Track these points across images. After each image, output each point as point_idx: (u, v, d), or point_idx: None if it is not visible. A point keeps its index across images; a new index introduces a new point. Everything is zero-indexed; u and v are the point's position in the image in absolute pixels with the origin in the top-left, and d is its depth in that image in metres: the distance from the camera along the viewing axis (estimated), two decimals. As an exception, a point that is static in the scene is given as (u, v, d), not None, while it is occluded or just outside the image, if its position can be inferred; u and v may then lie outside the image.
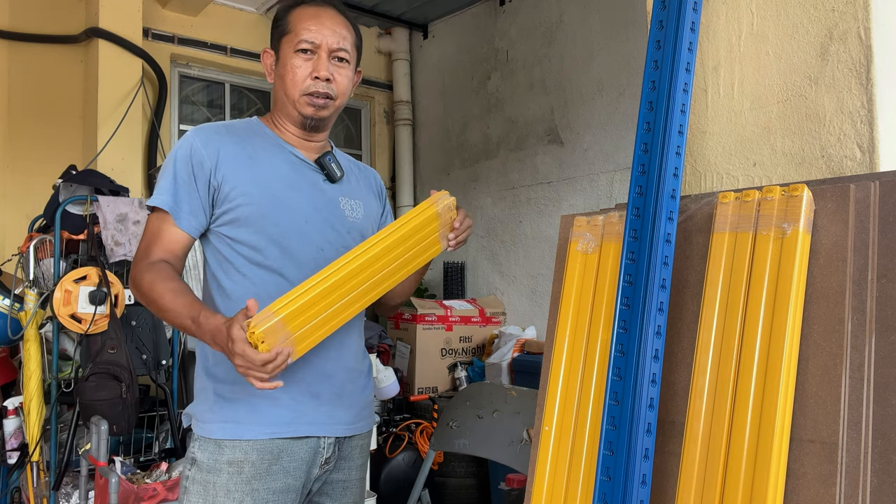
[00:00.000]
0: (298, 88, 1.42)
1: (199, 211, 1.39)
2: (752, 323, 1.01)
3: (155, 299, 1.31)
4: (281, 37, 1.45)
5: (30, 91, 3.96)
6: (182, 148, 1.41)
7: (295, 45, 1.42)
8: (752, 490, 0.95)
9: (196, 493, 1.35)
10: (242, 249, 1.40)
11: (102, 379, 2.45)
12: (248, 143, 1.44)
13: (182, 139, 1.43)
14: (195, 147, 1.40)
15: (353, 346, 1.50)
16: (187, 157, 1.39)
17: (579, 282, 1.26)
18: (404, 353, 3.95)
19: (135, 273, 1.37)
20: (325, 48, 1.42)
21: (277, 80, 1.46)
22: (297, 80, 1.42)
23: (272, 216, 1.39)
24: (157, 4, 4.33)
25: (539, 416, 1.25)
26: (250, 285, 1.39)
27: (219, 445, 1.35)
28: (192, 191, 1.39)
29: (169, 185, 1.39)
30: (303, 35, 1.41)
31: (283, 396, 1.37)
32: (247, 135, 1.46)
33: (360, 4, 4.88)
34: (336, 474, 1.49)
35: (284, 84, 1.44)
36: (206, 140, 1.41)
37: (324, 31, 1.42)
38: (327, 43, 1.42)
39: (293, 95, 1.43)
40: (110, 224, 2.66)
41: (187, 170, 1.39)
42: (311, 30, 1.42)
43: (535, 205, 4.35)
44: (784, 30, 1.21)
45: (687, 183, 1.34)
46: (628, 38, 3.84)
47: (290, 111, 1.45)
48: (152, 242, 1.39)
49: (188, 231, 1.39)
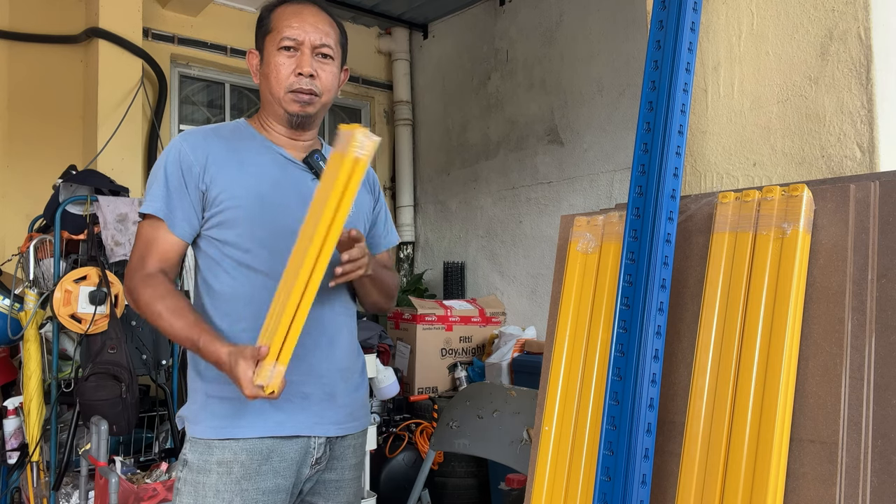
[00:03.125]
0: (283, 86, 1.42)
1: (192, 216, 1.40)
2: (752, 323, 1.01)
3: (153, 319, 1.34)
4: (264, 36, 1.46)
5: (30, 91, 3.96)
6: (171, 154, 1.41)
7: (278, 43, 1.42)
8: (752, 490, 0.95)
9: (187, 494, 1.35)
10: (231, 252, 1.40)
11: (102, 379, 2.45)
12: (235, 145, 1.45)
13: (169, 145, 1.44)
14: (183, 152, 1.40)
15: (345, 346, 1.49)
16: (176, 162, 1.40)
17: (579, 282, 1.26)
18: (404, 353, 3.95)
19: (131, 285, 1.37)
20: (308, 45, 1.42)
21: (263, 80, 1.47)
22: (282, 78, 1.42)
23: (260, 218, 1.40)
24: (157, 4, 4.32)
25: (539, 416, 1.25)
26: (238, 287, 1.39)
27: (208, 446, 1.35)
28: (183, 196, 1.39)
29: (161, 192, 1.39)
30: (285, 32, 1.42)
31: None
32: (234, 137, 1.47)
33: (360, 4, 4.88)
34: (328, 474, 1.49)
35: (269, 83, 1.44)
36: (193, 145, 1.41)
37: (306, 27, 1.42)
38: (310, 39, 1.42)
39: (278, 93, 1.43)
40: (110, 224, 2.66)
41: (177, 175, 1.39)
42: (293, 27, 1.42)
43: (535, 205, 4.35)
44: (784, 30, 1.21)
45: (687, 183, 1.34)
46: (628, 38, 3.84)
47: (276, 110, 1.46)
48: (147, 251, 1.39)
49: (182, 237, 1.40)
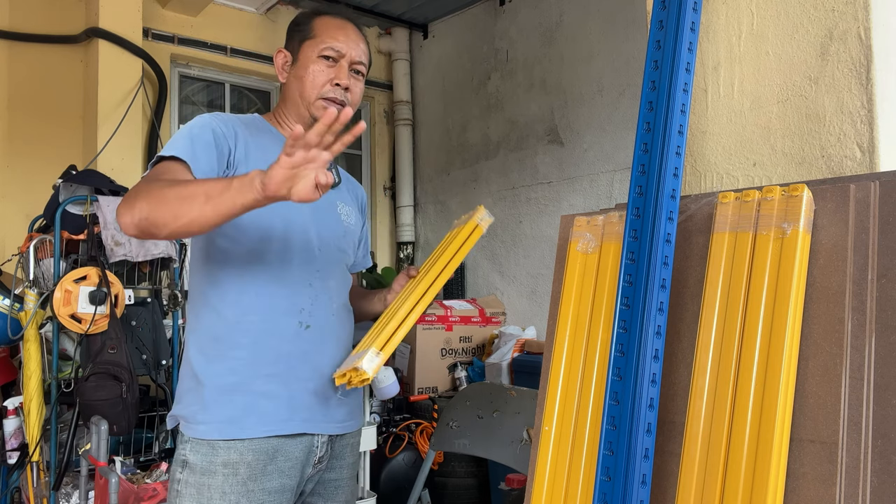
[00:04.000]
0: (317, 92, 1.45)
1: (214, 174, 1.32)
2: (752, 323, 1.01)
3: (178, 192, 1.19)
4: (303, 40, 1.48)
5: (30, 91, 3.96)
6: (199, 122, 1.37)
7: (320, 51, 1.45)
8: (752, 490, 0.95)
9: (189, 497, 1.33)
10: (243, 241, 1.38)
11: (102, 379, 2.45)
12: (258, 136, 1.46)
13: (198, 117, 1.39)
14: (216, 124, 1.38)
15: (346, 345, 1.51)
16: (207, 127, 1.36)
17: (579, 282, 1.26)
18: (404, 353, 3.95)
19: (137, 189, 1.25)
20: (348, 59, 1.47)
21: (294, 81, 1.48)
22: (317, 84, 1.45)
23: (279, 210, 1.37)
24: (157, 4, 4.33)
25: (539, 416, 1.25)
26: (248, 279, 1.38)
27: (213, 447, 1.34)
28: (210, 152, 1.33)
29: (186, 143, 1.31)
30: (329, 43, 1.46)
31: (281, 393, 1.37)
32: (257, 129, 1.48)
33: (360, 4, 4.88)
34: (329, 473, 1.50)
35: (303, 85, 1.46)
36: (225, 121, 1.40)
37: (350, 43, 1.48)
38: (351, 55, 1.47)
39: (309, 97, 1.45)
40: (110, 224, 2.66)
41: (208, 136, 1.34)
42: (338, 39, 1.47)
43: (535, 205, 4.35)
44: (784, 30, 1.21)
45: (687, 183, 1.34)
46: (628, 38, 3.84)
47: (301, 111, 1.47)
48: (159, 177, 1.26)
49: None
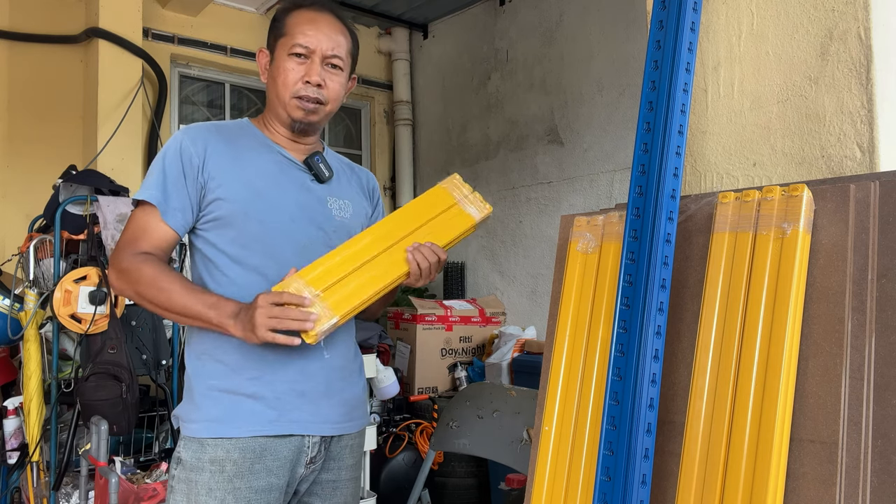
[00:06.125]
0: (289, 91, 1.43)
1: (188, 208, 1.39)
2: (752, 323, 1.01)
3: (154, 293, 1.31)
4: (277, 38, 1.46)
5: (30, 91, 3.96)
6: (172, 146, 1.41)
7: (289, 49, 1.43)
8: (752, 490, 0.95)
9: (180, 492, 1.35)
10: (226, 247, 1.40)
11: (102, 379, 2.45)
12: (235, 142, 1.45)
13: (172, 138, 1.43)
14: (185, 144, 1.40)
15: (342, 345, 1.50)
16: (177, 153, 1.40)
17: (579, 282, 1.26)
18: (404, 353, 3.95)
19: (126, 264, 1.34)
20: (319, 54, 1.43)
21: (270, 81, 1.48)
22: (289, 83, 1.43)
23: (255, 214, 1.40)
24: (157, 4, 4.33)
25: (539, 416, 1.25)
26: (231, 285, 1.39)
27: (201, 444, 1.35)
28: (181, 187, 1.38)
29: (158, 180, 1.38)
30: (298, 39, 1.42)
31: (266, 394, 1.37)
32: (235, 135, 1.47)
33: (360, 4, 4.88)
34: (325, 474, 1.48)
35: (276, 85, 1.45)
36: (194, 138, 1.41)
37: (319, 36, 1.43)
38: (321, 49, 1.43)
39: (284, 97, 1.44)
40: (110, 224, 2.66)
41: (177, 167, 1.39)
42: (307, 34, 1.43)
43: (535, 205, 4.35)
44: (784, 30, 1.21)
45: (687, 183, 1.34)
46: (628, 38, 3.84)
47: (279, 112, 1.47)
48: (139, 236, 1.37)
49: (175, 228, 1.38)
